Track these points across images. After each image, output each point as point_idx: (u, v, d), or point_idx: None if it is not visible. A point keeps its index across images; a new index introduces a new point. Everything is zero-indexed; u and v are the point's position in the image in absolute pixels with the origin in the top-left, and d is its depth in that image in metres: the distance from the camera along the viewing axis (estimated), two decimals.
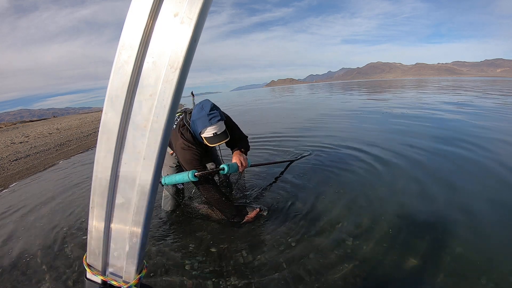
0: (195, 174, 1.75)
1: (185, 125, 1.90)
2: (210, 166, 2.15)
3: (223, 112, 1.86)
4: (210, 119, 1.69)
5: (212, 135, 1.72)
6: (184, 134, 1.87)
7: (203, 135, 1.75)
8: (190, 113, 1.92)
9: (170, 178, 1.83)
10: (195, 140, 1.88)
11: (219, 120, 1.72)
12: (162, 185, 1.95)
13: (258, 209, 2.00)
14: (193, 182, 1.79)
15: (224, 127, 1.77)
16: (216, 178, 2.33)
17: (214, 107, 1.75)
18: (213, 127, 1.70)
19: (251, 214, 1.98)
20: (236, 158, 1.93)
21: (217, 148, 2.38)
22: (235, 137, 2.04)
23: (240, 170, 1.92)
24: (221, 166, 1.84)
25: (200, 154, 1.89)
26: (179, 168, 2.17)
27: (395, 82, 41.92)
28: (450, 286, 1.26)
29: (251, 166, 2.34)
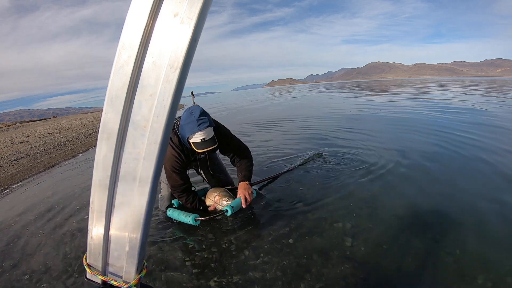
0: (196, 218, 1.83)
1: (174, 129, 1.89)
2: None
3: (213, 119, 1.86)
4: (199, 125, 1.69)
5: (200, 140, 1.73)
6: (172, 138, 1.87)
7: (191, 141, 1.75)
8: (179, 118, 1.90)
9: (174, 214, 1.93)
10: (182, 145, 1.88)
11: (207, 126, 1.72)
12: (164, 211, 2.06)
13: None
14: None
15: (212, 134, 1.78)
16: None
17: (203, 113, 1.75)
18: (202, 132, 1.70)
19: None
20: (240, 193, 1.94)
21: (218, 157, 2.38)
22: (231, 147, 2.05)
23: (244, 207, 1.92)
24: (224, 208, 1.87)
25: (182, 165, 1.90)
26: None
27: (399, 82, 41.70)
28: (449, 286, 1.26)
29: (256, 183, 2.32)
